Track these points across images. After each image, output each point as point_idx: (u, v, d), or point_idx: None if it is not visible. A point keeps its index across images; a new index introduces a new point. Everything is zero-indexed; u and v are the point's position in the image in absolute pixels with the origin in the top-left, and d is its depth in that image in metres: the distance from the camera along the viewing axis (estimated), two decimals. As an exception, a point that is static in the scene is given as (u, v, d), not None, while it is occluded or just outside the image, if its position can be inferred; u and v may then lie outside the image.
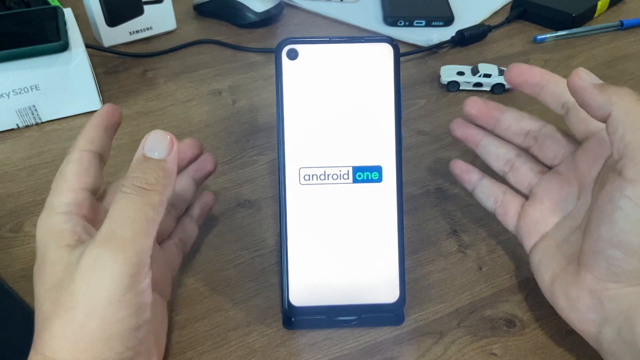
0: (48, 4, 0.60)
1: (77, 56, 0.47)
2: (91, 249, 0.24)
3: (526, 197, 0.34)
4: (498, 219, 0.35)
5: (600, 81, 0.28)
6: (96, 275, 0.24)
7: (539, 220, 0.32)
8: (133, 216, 0.25)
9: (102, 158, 0.29)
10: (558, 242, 0.31)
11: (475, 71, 0.53)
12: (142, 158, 0.26)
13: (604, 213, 0.27)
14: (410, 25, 0.64)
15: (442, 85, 0.54)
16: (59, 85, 0.48)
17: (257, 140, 0.48)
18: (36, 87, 0.47)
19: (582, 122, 0.31)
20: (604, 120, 0.27)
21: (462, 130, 0.37)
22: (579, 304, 0.28)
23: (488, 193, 0.36)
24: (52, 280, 0.25)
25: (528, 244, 0.33)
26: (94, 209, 0.28)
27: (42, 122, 0.50)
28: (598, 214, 0.27)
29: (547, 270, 0.31)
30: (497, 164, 0.36)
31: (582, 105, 0.28)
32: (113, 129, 0.30)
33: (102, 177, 0.29)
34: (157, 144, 0.26)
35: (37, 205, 0.41)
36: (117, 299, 0.24)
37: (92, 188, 0.28)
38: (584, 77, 0.28)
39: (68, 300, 0.24)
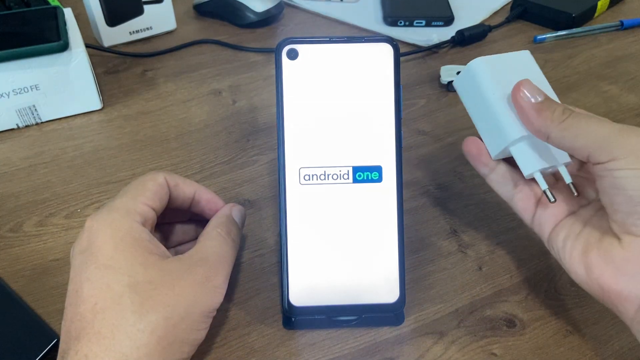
0: (48, 4, 0.60)
1: (77, 56, 0.47)
2: (201, 266, 0.29)
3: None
4: (514, 207, 0.33)
5: (541, 94, 0.30)
6: (202, 290, 0.28)
7: (561, 203, 0.32)
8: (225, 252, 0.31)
9: (169, 200, 0.32)
10: (584, 219, 0.31)
11: (475, 71, 0.53)
12: (232, 219, 0.33)
13: (609, 188, 0.28)
14: (410, 25, 0.64)
15: (442, 85, 0.54)
16: (59, 85, 0.48)
17: (257, 140, 0.48)
18: (36, 87, 0.47)
19: None
20: (547, 140, 0.30)
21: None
22: (627, 266, 0.27)
23: (507, 178, 0.33)
24: (137, 277, 0.27)
25: (548, 227, 0.32)
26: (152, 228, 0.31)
27: (42, 122, 0.50)
28: (605, 191, 0.28)
29: (576, 244, 0.30)
30: None
31: (525, 124, 0.31)
32: (187, 204, 0.34)
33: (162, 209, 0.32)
34: (239, 216, 0.34)
35: (37, 205, 0.41)
36: (204, 319, 0.28)
37: (157, 212, 0.31)
38: (526, 94, 0.30)
39: (166, 300, 0.26)
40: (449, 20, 0.64)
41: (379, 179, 0.31)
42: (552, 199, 0.31)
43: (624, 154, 0.27)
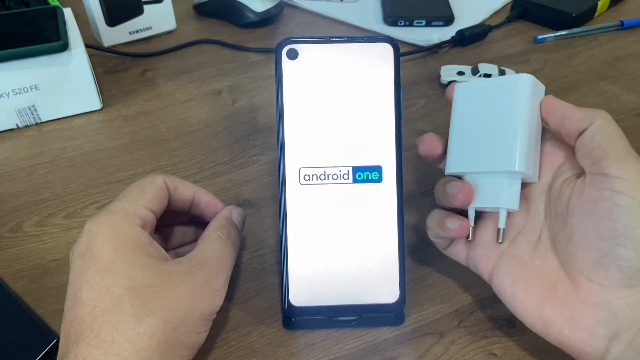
0: (48, 3, 0.60)
1: (77, 56, 0.47)
2: (202, 270, 0.29)
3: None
4: (449, 255, 0.33)
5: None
6: (201, 294, 0.28)
7: (491, 240, 0.31)
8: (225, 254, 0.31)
9: (168, 203, 0.32)
10: (526, 259, 0.30)
11: (475, 71, 0.53)
12: (231, 221, 0.33)
13: (598, 215, 0.26)
14: (410, 25, 0.64)
15: (442, 85, 0.54)
16: (58, 85, 0.48)
17: (257, 140, 0.48)
18: (36, 87, 0.47)
19: None
20: (581, 131, 0.28)
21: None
22: (586, 321, 0.26)
23: (440, 232, 0.32)
24: (136, 280, 0.27)
25: (486, 268, 0.31)
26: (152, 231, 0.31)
27: (41, 122, 0.50)
28: (588, 219, 0.27)
29: (528, 293, 0.29)
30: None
31: (562, 118, 0.29)
32: (187, 206, 0.34)
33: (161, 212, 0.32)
34: (239, 218, 0.34)
35: (37, 205, 0.41)
36: (204, 322, 0.29)
37: (157, 215, 0.31)
38: (559, 101, 0.29)
39: (166, 303, 0.26)
40: (449, 20, 0.64)
41: (379, 179, 0.31)
42: (469, 239, 0.31)
43: (633, 177, 0.26)
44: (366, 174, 0.31)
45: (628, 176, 0.26)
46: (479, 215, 0.32)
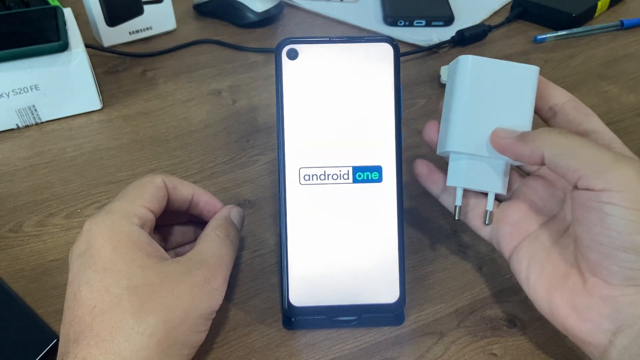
0: (48, 3, 0.60)
1: (77, 56, 0.47)
2: (201, 270, 0.29)
3: (499, 201, 0.33)
4: (469, 225, 0.33)
5: (518, 132, 0.29)
6: (200, 293, 0.28)
7: (520, 221, 0.31)
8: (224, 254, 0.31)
9: (167, 202, 0.32)
10: (547, 245, 0.30)
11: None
12: (230, 221, 0.33)
13: (592, 223, 0.26)
14: (410, 25, 0.64)
15: (442, 85, 0.54)
16: (58, 85, 0.48)
17: (257, 140, 0.48)
18: (36, 87, 0.47)
19: (570, 123, 0.31)
20: (541, 163, 0.28)
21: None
22: (590, 314, 0.27)
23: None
24: (136, 279, 0.27)
25: (508, 247, 0.31)
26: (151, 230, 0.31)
27: (41, 122, 0.50)
28: (586, 226, 0.27)
29: (540, 278, 0.29)
30: None
31: (516, 158, 0.30)
32: (186, 205, 0.34)
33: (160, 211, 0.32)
34: (238, 217, 0.34)
35: (37, 205, 0.41)
36: (204, 321, 0.28)
37: (156, 214, 0.31)
38: (503, 135, 0.29)
39: (165, 302, 0.26)
40: (449, 20, 0.64)
41: (379, 179, 0.31)
42: (456, 218, 0.32)
43: (619, 187, 0.25)
44: (366, 174, 0.31)
45: (613, 187, 0.26)
46: (510, 195, 0.33)
